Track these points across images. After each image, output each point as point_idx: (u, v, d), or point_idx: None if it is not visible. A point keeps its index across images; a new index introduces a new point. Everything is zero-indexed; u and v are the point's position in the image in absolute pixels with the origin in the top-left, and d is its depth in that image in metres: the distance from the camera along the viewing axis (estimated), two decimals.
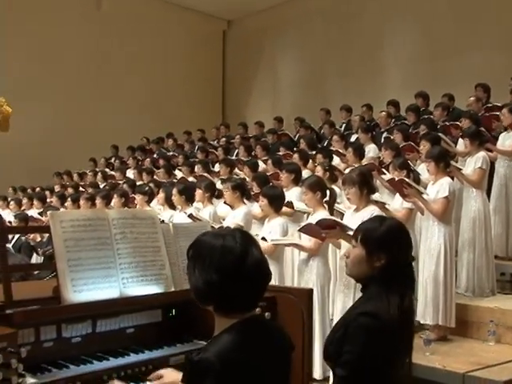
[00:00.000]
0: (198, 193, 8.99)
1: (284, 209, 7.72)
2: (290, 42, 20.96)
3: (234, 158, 13.27)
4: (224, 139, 16.30)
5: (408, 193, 7.29)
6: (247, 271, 2.56)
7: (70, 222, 3.34)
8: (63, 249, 3.26)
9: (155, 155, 16.69)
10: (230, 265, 2.54)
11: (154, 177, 13.01)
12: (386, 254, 3.16)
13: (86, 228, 3.39)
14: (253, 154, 13.05)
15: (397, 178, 7.49)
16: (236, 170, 11.58)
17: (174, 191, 9.06)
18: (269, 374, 2.60)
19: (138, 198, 10.23)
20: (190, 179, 11.67)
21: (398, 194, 7.71)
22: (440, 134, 9.37)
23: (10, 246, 10.40)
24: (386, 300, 3.08)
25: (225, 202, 8.88)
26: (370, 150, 10.54)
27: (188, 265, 2.69)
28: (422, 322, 7.26)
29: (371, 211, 6.24)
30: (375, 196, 6.89)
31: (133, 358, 3.42)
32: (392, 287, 3.11)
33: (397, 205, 7.63)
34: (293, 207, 8.16)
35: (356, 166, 8.72)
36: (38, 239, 11.29)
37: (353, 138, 12.22)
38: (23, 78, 19.17)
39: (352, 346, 3.04)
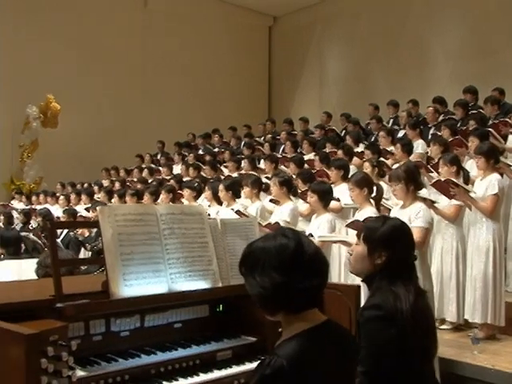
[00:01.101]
0: (246, 190, 8.98)
1: (332, 205, 7.69)
2: (335, 38, 20.87)
3: (280, 154, 13.24)
4: (270, 135, 16.27)
5: (455, 192, 7.15)
6: (307, 261, 2.53)
7: (123, 216, 3.37)
8: (116, 242, 3.29)
9: (201, 151, 16.75)
10: (288, 260, 2.52)
11: (201, 173, 13.05)
12: (387, 251, 3.27)
13: (137, 223, 3.41)
14: (299, 150, 13.00)
15: (443, 179, 7.36)
16: (282, 167, 11.55)
17: (221, 187, 9.09)
18: (339, 377, 2.59)
19: (186, 192, 10.25)
20: (235, 175, 11.67)
21: None
22: (490, 130, 9.21)
23: (58, 241, 10.53)
24: (390, 293, 3.16)
25: (271, 200, 8.86)
26: (419, 145, 10.41)
27: (246, 279, 2.61)
28: (470, 321, 7.17)
29: (418, 208, 6.17)
30: (423, 193, 6.79)
31: (180, 352, 3.44)
32: (395, 283, 3.20)
33: (446, 202, 7.52)
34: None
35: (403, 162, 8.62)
36: (86, 234, 11.40)
37: (400, 134, 12.11)
38: (72, 75, 19.44)
39: (364, 341, 3.11)
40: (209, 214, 6.94)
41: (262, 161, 12.48)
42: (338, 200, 8.14)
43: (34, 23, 19.28)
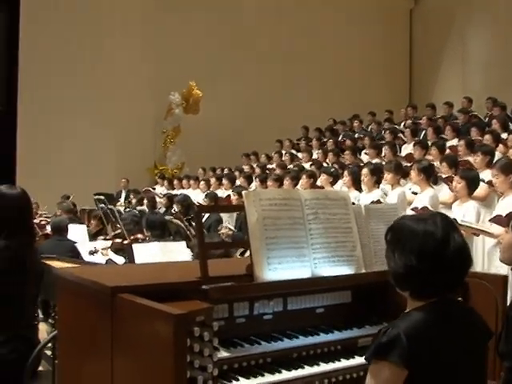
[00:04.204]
0: (388, 175, 8.85)
1: (476, 192, 7.49)
2: (479, 19, 20.17)
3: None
4: (410, 121, 15.98)
5: None
6: (448, 257, 2.53)
7: (268, 200, 3.38)
8: (261, 227, 3.31)
9: (340, 137, 16.68)
10: (431, 250, 2.53)
11: (339, 159, 13.00)
12: None
13: (282, 207, 3.42)
14: (441, 135, 12.70)
15: None
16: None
17: (365, 171, 8.99)
18: (460, 357, 2.55)
19: (323, 177, 10.26)
20: (375, 161, 11.54)
21: None
22: None
23: None
24: None
25: (413, 192, 8.72)
26: None
27: (387, 248, 2.68)
28: None
29: None
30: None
31: (322, 337, 3.44)
32: None
33: None
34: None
35: None
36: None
37: None
38: (213, 62, 19.79)
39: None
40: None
41: (404, 146, 12.29)
42: (489, 183, 7.85)
43: (176, 12, 19.73)
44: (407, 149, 12.49)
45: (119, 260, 7.85)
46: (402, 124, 16.17)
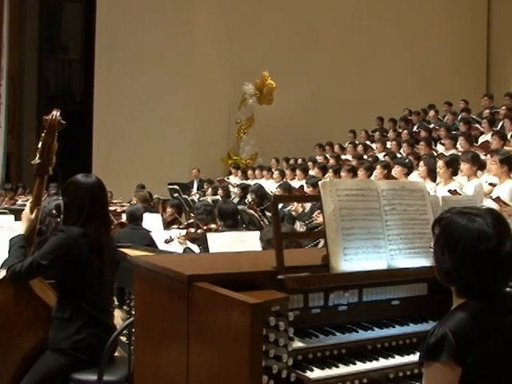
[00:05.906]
0: (465, 166, 8.71)
1: None
2: None
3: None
4: (487, 111, 15.64)
5: None
6: (502, 260, 2.51)
7: (345, 191, 3.36)
8: (337, 217, 3.29)
9: (415, 127, 16.47)
10: (485, 253, 2.51)
11: (414, 149, 12.84)
12: None
13: (359, 198, 3.40)
14: None
15: None
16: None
17: (441, 163, 8.88)
18: (508, 349, 2.52)
19: (397, 169, 10.18)
20: (452, 153, 11.35)
21: None
22: None
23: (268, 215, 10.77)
24: None
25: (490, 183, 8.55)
26: None
27: (434, 244, 2.69)
28: None
29: None
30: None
31: (397, 330, 3.41)
32: None
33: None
34: None
35: None
36: (300, 210, 11.54)
37: None
38: (286, 52, 19.77)
39: None
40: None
41: (481, 136, 12.07)
42: None
43: (251, 3, 19.77)
44: (485, 140, 12.25)
45: (195, 249, 7.92)
46: (478, 114, 15.85)
